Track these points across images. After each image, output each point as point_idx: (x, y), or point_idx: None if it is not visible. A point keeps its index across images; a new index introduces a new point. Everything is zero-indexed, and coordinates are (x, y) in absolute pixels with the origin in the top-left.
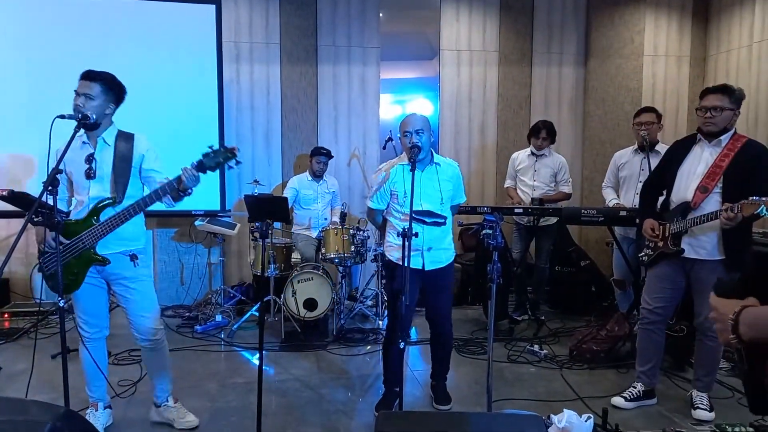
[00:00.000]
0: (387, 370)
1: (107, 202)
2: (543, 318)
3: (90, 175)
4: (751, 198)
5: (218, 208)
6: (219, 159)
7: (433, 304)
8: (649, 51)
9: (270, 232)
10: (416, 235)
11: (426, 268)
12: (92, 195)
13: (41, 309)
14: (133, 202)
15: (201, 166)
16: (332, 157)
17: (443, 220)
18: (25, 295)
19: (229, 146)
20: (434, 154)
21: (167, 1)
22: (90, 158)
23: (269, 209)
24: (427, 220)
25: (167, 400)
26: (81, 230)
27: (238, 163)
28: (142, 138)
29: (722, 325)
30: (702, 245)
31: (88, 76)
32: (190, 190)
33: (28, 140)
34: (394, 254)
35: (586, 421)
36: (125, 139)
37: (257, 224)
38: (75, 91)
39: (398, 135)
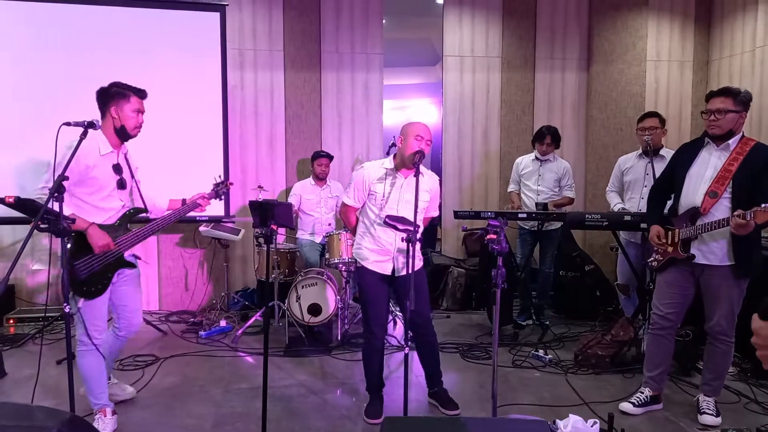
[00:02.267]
0: (371, 374)
1: (135, 211)
2: (547, 323)
3: (122, 185)
4: (764, 205)
5: (222, 214)
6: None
7: (413, 310)
8: (652, 56)
9: (274, 237)
10: (420, 241)
11: (396, 275)
12: (121, 204)
13: (47, 315)
14: (168, 214)
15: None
16: (332, 158)
17: (416, 229)
18: (30, 300)
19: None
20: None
21: (172, 9)
22: (118, 168)
23: (274, 215)
24: (399, 226)
25: (110, 378)
26: (115, 237)
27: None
28: None
29: (766, 351)
30: (712, 251)
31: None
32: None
33: (34, 147)
34: (366, 258)
35: (591, 426)
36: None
37: (262, 230)
38: (138, 110)
39: (396, 141)
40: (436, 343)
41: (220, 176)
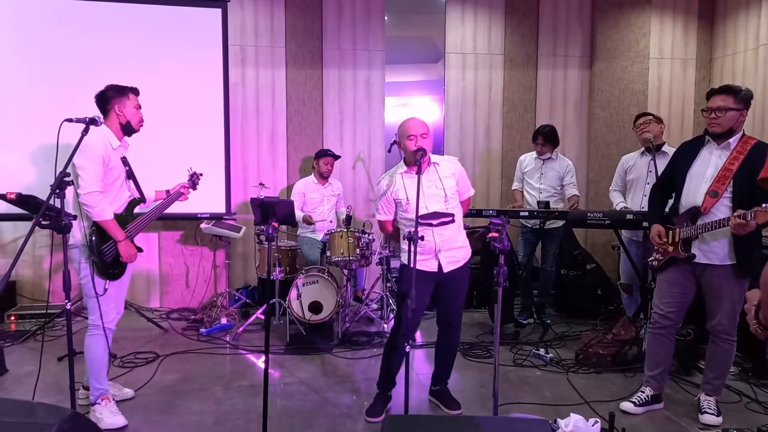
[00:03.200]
0: (387, 374)
1: (136, 201)
2: (548, 321)
3: (129, 176)
4: (765, 205)
5: (223, 211)
6: None
7: (448, 308)
8: (655, 54)
9: (276, 235)
10: (422, 238)
11: (444, 270)
12: (128, 195)
13: (48, 311)
14: (158, 204)
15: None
16: (339, 157)
17: (451, 218)
18: (32, 297)
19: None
20: (430, 155)
21: (173, 5)
22: (125, 161)
23: (276, 212)
24: (434, 222)
25: None
26: (127, 223)
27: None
28: None
29: (749, 315)
30: (713, 251)
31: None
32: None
33: (35, 143)
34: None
35: (593, 425)
36: None
37: (263, 227)
38: (138, 106)
39: (397, 140)
40: (457, 347)
41: (191, 168)
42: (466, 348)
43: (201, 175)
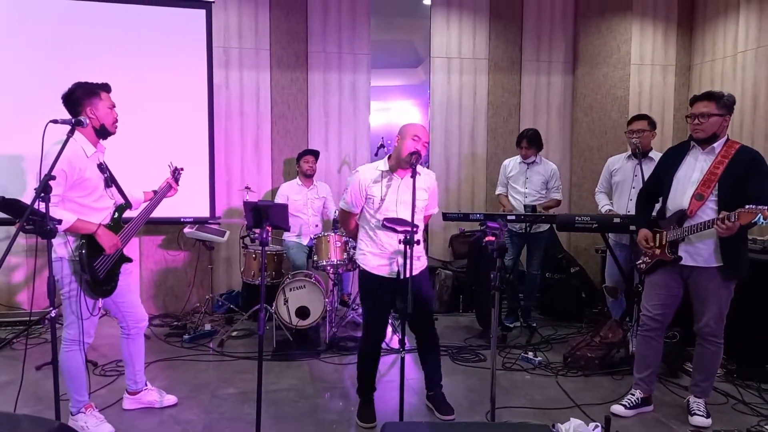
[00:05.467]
0: (365, 378)
1: (122, 207)
2: (534, 325)
3: (109, 183)
4: (748, 206)
5: (207, 215)
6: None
7: (417, 312)
8: (636, 60)
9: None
10: (418, 242)
11: (400, 277)
12: (112, 202)
13: (31, 319)
14: (147, 205)
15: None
16: (318, 154)
17: (415, 229)
18: (6, 304)
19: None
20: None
21: (157, 5)
22: (102, 167)
23: (270, 216)
24: (399, 228)
25: (147, 384)
26: (116, 233)
27: None
28: None
29: None
30: (699, 253)
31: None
32: None
33: (12, 145)
34: (368, 263)
35: (593, 429)
36: None
37: (257, 231)
38: (111, 106)
39: (397, 136)
40: (438, 346)
41: (172, 163)
42: (453, 352)
43: (182, 169)
